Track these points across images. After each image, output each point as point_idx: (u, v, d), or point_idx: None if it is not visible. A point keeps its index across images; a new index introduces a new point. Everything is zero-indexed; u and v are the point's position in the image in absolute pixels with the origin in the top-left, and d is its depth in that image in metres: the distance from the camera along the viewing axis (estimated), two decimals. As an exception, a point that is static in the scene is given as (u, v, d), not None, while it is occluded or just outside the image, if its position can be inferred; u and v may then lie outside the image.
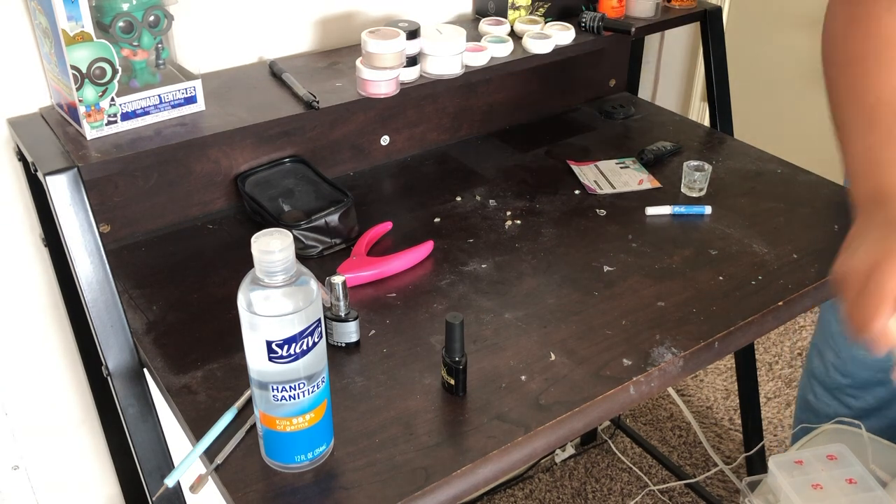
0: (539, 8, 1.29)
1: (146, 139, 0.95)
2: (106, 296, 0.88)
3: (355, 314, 0.89)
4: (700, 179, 1.18)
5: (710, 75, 1.41)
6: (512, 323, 0.94)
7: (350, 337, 0.89)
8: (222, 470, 0.75)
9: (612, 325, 0.94)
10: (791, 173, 1.25)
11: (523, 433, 0.79)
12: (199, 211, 1.13)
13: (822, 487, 1.07)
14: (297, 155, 1.17)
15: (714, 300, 0.98)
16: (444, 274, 1.02)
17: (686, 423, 2.04)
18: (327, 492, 0.73)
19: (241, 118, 1.00)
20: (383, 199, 1.19)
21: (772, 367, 2.21)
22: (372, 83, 1.06)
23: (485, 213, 1.15)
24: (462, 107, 1.32)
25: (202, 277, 1.01)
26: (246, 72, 1.14)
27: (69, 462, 1.28)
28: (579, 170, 1.26)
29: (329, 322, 0.88)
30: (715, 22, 1.39)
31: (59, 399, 1.22)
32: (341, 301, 0.88)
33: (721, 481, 1.90)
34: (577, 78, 1.45)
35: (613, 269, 1.04)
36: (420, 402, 0.83)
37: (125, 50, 0.97)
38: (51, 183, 0.86)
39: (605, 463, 1.94)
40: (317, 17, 1.20)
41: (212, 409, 0.82)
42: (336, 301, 0.88)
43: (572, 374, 0.86)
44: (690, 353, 0.90)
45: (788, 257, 1.05)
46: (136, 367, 0.90)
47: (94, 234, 0.87)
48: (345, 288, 0.88)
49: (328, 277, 0.88)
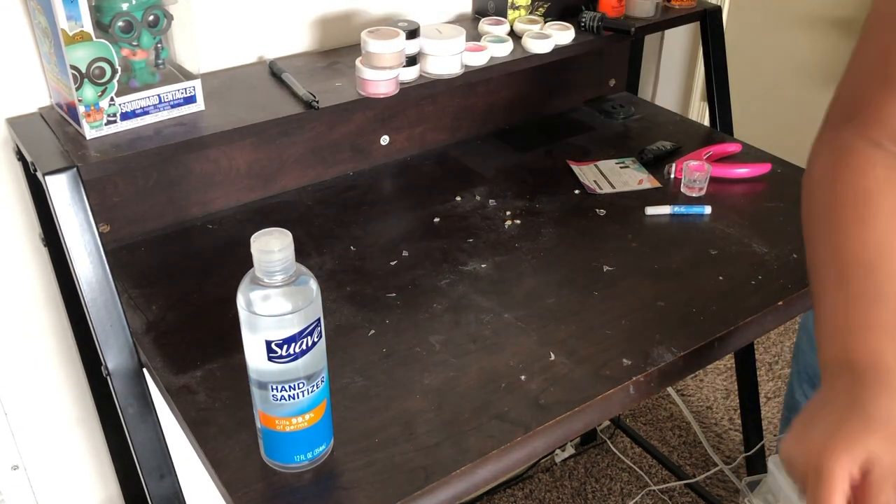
0: (539, 8, 1.29)
1: (146, 139, 0.95)
2: (105, 296, 0.88)
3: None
4: (700, 179, 1.18)
5: (710, 75, 1.41)
6: (512, 323, 0.94)
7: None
8: (222, 470, 0.75)
9: (612, 325, 0.93)
10: (791, 173, 1.25)
11: (523, 433, 0.79)
12: (199, 211, 1.13)
13: (821, 487, 1.07)
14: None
15: (714, 300, 0.98)
16: (443, 274, 1.02)
17: (686, 423, 2.04)
18: (327, 491, 0.73)
19: (241, 118, 1.00)
20: (383, 198, 1.19)
21: (772, 367, 2.21)
22: (372, 83, 1.06)
23: (485, 212, 1.15)
24: (462, 107, 1.32)
25: (202, 277, 1.01)
26: (246, 72, 1.14)
27: (69, 462, 1.28)
28: (579, 170, 1.26)
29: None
30: (715, 22, 1.39)
31: (58, 399, 1.22)
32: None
33: (721, 481, 1.90)
34: (577, 78, 1.45)
35: (613, 268, 1.04)
36: (420, 402, 0.83)
37: (125, 50, 0.97)
38: (50, 183, 0.86)
39: (605, 463, 1.94)
40: (317, 16, 1.20)
41: (211, 409, 0.82)
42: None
43: (572, 374, 0.86)
44: (690, 353, 0.90)
45: (788, 257, 1.05)
46: (136, 367, 0.90)
47: (94, 233, 0.87)
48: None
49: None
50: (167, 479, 0.93)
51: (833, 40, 2.00)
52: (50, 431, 1.24)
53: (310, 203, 1.17)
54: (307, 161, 1.19)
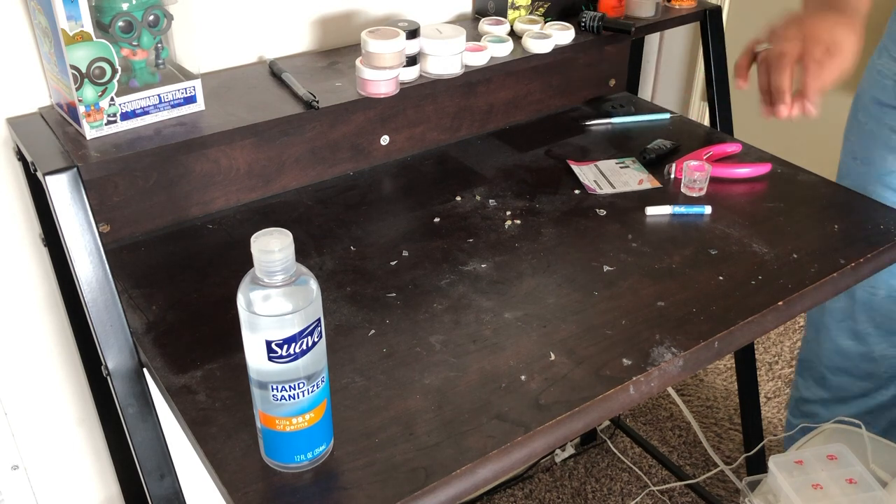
0: (539, 8, 1.29)
1: (146, 139, 0.95)
2: (105, 295, 0.88)
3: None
4: (700, 179, 1.18)
5: (710, 75, 1.41)
6: (511, 323, 0.94)
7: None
8: (222, 470, 0.75)
9: (612, 325, 0.93)
10: (791, 173, 1.25)
11: (523, 433, 0.79)
12: (199, 211, 1.13)
13: (821, 487, 1.07)
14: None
15: (714, 300, 0.98)
16: (443, 274, 1.02)
17: (686, 423, 2.04)
18: (327, 492, 0.73)
19: (241, 118, 1.00)
20: (383, 198, 1.19)
21: (772, 367, 2.21)
22: (372, 83, 1.06)
23: (484, 212, 1.15)
24: (462, 107, 1.32)
25: (202, 277, 1.01)
26: (246, 72, 1.14)
27: (69, 462, 1.28)
28: (579, 170, 1.26)
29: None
30: (715, 22, 1.39)
31: (58, 399, 1.22)
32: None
33: (721, 481, 1.90)
34: (577, 78, 1.45)
35: (613, 268, 1.04)
36: (420, 402, 0.83)
37: (125, 50, 0.97)
38: (50, 183, 0.86)
39: (605, 463, 1.94)
40: (317, 16, 1.20)
41: (211, 409, 0.82)
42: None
43: (572, 374, 0.86)
44: (690, 353, 0.90)
45: (788, 257, 1.05)
46: (136, 367, 0.90)
47: (94, 233, 0.87)
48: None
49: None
50: (167, 479, 0.93)
51: (833, 40, 2.00)
52: (50, 431, 1.24)
53: (310, 203, 1.17)
54: (307, 161, 1.19)
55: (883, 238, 1.09)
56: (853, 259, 1.04)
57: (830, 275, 1.02)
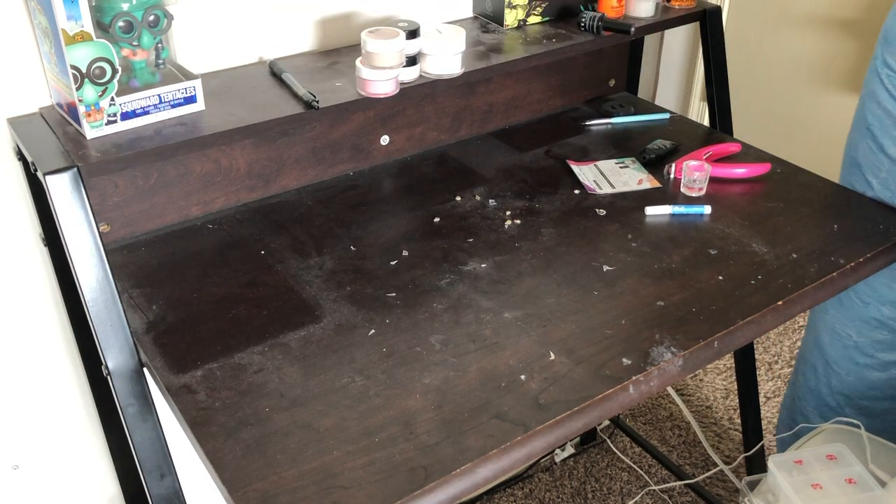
0: (536, 7, 1.29)
1: (146, 139, 0.95)
2: (106, 295, 0.88)
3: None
4: (700, 179, 1.18)
5: (709, 75, 1.41)
6: (511, 322, 0.94)
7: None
8: (222, 470, 0.75)
9: (612, 325, 0.94)
10: (791, 173, 1.25)
11: (523, 432, 0.79)
12: (199, 211, 1.13)
13: (821, 487, 1.08)
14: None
15: (714, 300, 0.98)
16: (443, 273, 1.02)
17: (686, 423, 2.04)
18: (327, 491, 0.74)
19: (241, 118, 1.00)
20: (383, 198, 1.19)
21: (771, 367, 2.21)
22: (372, 83, 1.06)
23: (484, 212, 1.15)
24: (462, 107, 1.32)
25: (202, 277, 1.01)
26: (246, 72, 1.14)
27: (69, 462, 1.28)
28: (579, 170, 1.26)
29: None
30: (715, 22, 1.39)
31: (58, 399, 1.22)
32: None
33: (721, 481, 1.90)
34: (577, 78, 1.45)
35: (613, 268, 1.04)
36: (420, 402, 0.83)
37: (125, 50, 0.97)
38: (51, 182, 0.86)
39: (605, 462, 1.94)
40: (317, 17, 1.20)
41: (211, 409, 0.82)
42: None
43: (572, 374, 0.86)
44: (690, 353, 0.90)
45: (788, 257, 1.05)
46: (136, 367, 0.90)
47: (94, 233, 0.87)
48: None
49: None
50: (167, 479, 0.93)
51: (833, 40, 2.00)
52: (50, 431, 1.24)
53: (310, 203, 1.17)
54: (307, 161, 1.19)
55: (882, 238, 1.09)
56: (852, 259, 1.04)
57: (830, 275, 1.02)
